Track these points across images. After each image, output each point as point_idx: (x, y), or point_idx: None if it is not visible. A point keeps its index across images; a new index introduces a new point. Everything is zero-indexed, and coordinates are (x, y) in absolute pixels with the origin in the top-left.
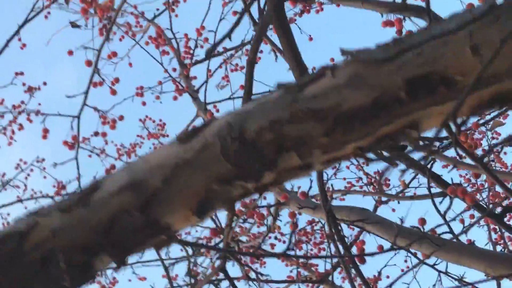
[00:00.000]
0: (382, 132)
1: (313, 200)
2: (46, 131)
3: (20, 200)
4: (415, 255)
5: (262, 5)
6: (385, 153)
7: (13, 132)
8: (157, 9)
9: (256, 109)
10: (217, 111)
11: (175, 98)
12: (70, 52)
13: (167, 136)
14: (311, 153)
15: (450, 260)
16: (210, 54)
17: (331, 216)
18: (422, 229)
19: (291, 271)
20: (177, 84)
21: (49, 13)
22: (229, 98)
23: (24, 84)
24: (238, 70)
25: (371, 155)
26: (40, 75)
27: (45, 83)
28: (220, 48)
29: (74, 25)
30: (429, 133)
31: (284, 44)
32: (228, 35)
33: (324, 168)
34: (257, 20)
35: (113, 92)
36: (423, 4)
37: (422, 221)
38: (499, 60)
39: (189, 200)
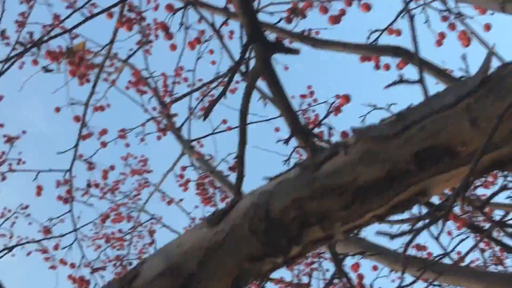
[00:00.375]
0: (396, 200)
1: None
2: (40, 188)
3: (7, 248)
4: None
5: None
6: None
7: None
8: (130, 50)
9: (277, 189)
10: (201, 146)
11: (159, 138)
12: (57, 109)
13: (151, 171)
14: (332, 225)
15: (450, 283)
16: (207, 115)
17: (334, 253)
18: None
19: None
20: (159, 125)
21: (23, 63)
22: (212, 133)
23: (5, 136)
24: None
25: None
26: (6, 111)
27: (24, 132)
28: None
29: (47, 70)
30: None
31: (274, 95)
32: (223, 93)
33: (344, 237)
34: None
35: (104, 145)
36: (397, 42)
37: (420, 248)
38: (497, 132)
39: (224, 279)
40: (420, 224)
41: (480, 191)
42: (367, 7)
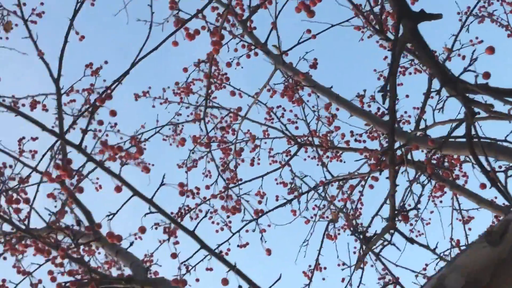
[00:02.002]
0: None
1: None
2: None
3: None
4: None
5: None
6: None
7: None
8: None
9: None
10: (286, 55)
11: (248, 56)
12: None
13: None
14: None
15: None
16: (385, 94)
17: None
18: None
19: None
20: (247, 45)
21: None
22: (298, 43)
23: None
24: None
25: None
26: None
27: None
28: None
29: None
30: None
31: (423, 55)
32: (393, 72)
33: None
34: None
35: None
36: None
37: None
38: None
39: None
40: None
41: None
42: None
